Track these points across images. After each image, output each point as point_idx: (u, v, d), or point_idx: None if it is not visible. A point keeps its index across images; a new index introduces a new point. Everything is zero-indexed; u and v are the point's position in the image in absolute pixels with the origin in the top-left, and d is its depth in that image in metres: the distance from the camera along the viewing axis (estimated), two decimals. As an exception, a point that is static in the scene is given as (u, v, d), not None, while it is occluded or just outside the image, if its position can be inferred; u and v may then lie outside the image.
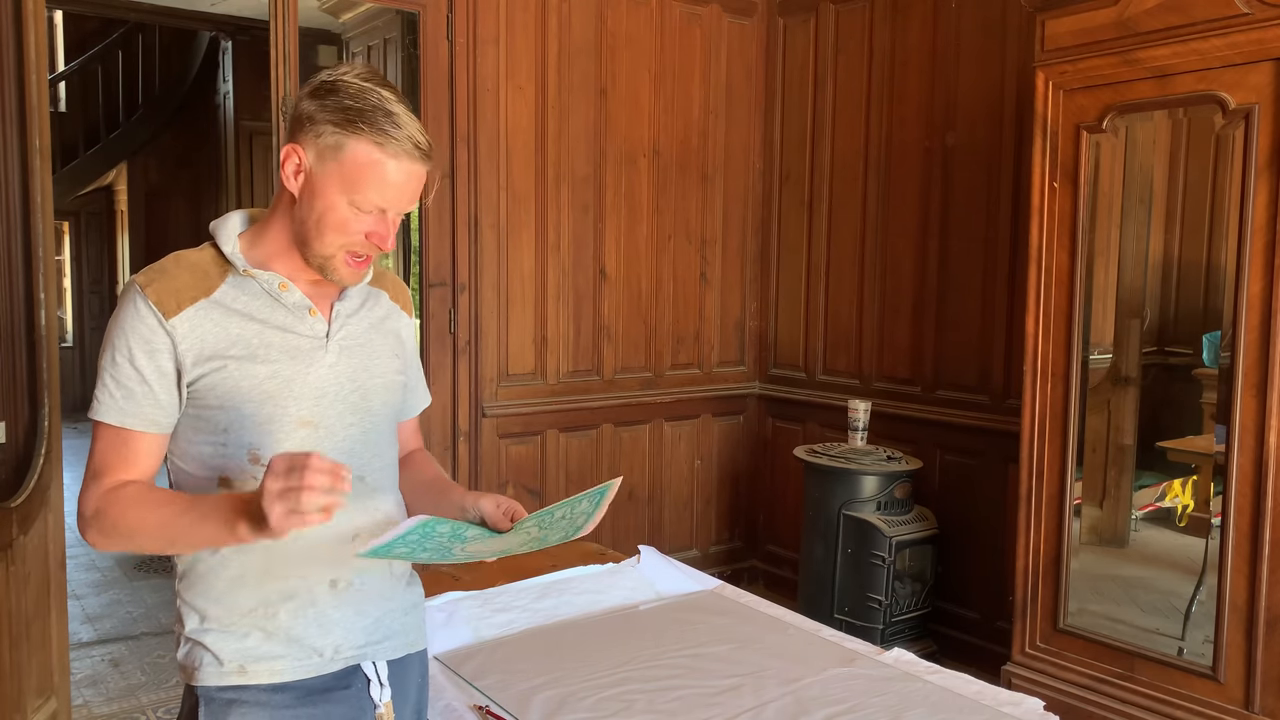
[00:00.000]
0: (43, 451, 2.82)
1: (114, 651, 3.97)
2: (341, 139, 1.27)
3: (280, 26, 3.38)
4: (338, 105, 1.27)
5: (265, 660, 1.34)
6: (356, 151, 1.27)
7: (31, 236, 2.81)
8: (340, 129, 1.27)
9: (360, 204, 1.29)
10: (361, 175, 1.27)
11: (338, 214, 1.29)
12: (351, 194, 1.28)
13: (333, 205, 1.29)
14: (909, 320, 4.03)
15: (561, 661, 2.23)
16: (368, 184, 1.27)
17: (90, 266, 10.47)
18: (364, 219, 1.30)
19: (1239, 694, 2.66)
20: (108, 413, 1.29)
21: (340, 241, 1.30)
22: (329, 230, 1.30)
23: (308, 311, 1.36)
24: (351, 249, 1.31)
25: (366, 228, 1.30)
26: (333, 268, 1.33)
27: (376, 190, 1.28)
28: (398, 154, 1.27)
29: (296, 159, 1.30)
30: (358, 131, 1.26)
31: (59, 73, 9.31)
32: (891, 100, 4.05)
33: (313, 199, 1.30)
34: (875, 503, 3.64)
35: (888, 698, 2.06)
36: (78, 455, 7.62)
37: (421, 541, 1.21)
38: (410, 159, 1.28)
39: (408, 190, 1.30)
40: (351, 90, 1.28)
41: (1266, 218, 2.56)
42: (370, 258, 1.35)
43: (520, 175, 3.93)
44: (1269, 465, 2.58)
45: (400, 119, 1.28)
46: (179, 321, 1.29)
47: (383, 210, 1.30)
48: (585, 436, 4.19)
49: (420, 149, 1.29)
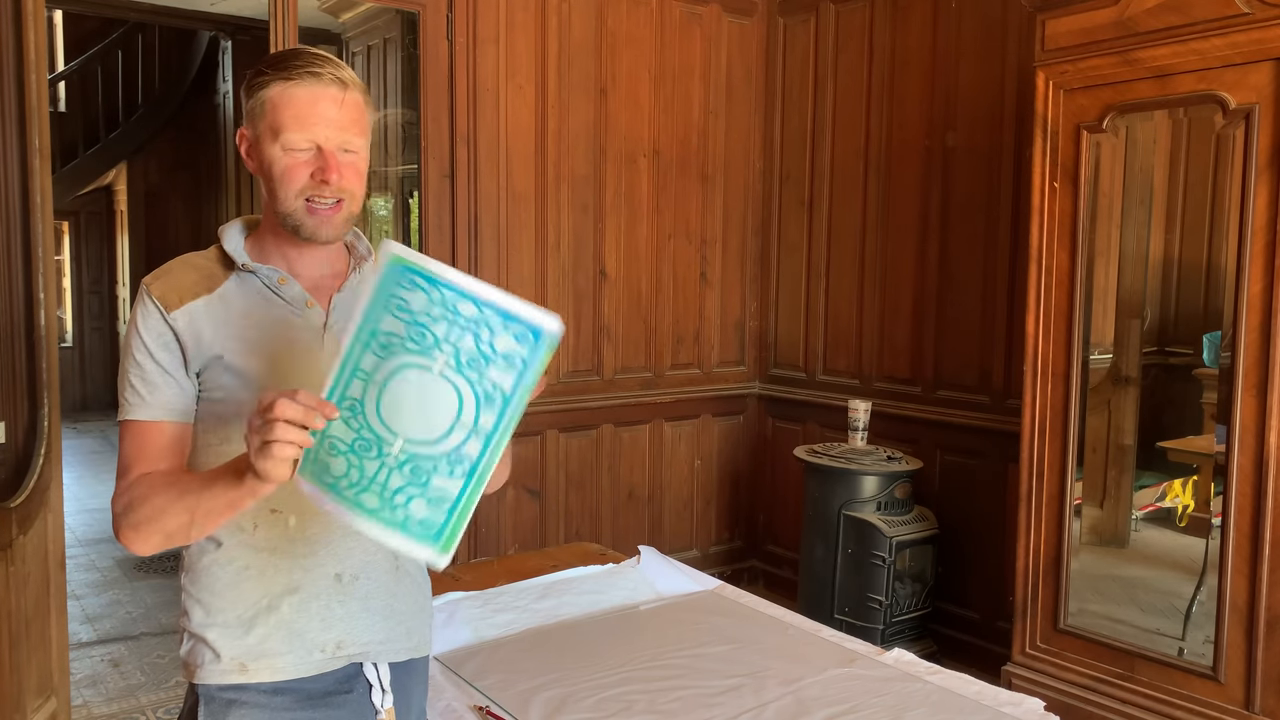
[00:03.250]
0: (42, 451, 2.82)
1: (114, 651, 3.96)
2: (260, 94, 1.32)
3: (280, 26, 3.38)
4: (255, 72, 1.34)
5: (266, 657, 1.34)
6: (271, 94, 1.31)
7: (31, 236, 2.81)
8: (257, 86, 1.32)
9: (290, 143, 1.30)
10: (280, 114, 1.30)
11: (280, 164, 1.31)
12: (280, 136, 1.30)
13: (273, 158, 1.32)
14: (909, 320, 4.03)
15: (562, 662, 2.23)
16: (287, 119, 1.30)
17: (90, 266, 10.47)
18: (304, 159, 1.31)
19: (1239, 694, 2.66)
20: (135, 411, 1.31)
21: (293, 191, 1.32)
22: (280, 185, 1.32)
23: (305, 303, 1.37)
24: (307, 195, 1.32)
25: (310, 168, 1.31)
26: (299, 221, 1.33)
27: (296, 123, 1.30)
28: (302, 78, 1.30)
29: (245, 141, 1.36)
30: (268, 79, 1.31)
31: (59, 73, 9.31)
32: (891, 100, 4.05)
33: (260, 165, 1.34)
34: (875, 503, 3.64)
35: (888, 698, 2.06)
36: (78, 455, 7.58)
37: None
38: (321, 84, 1.30)
39: (326, 115, 1.31)
40: (268, 59, 1.35)
41: (1266, 218, 2.56)
42: (339, 206, 1.34)
43: (520, 175, 3.93)
44: (1269, 465, 2.58)
45: (306, 54, 1.32)
46: (180, 314, 1.32)
47: (319, 145, 1.31)
48: (585, 436, 4.19)
49: (330, 73, 1.31)
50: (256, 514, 1.33)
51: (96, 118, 9.40)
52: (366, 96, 1.38)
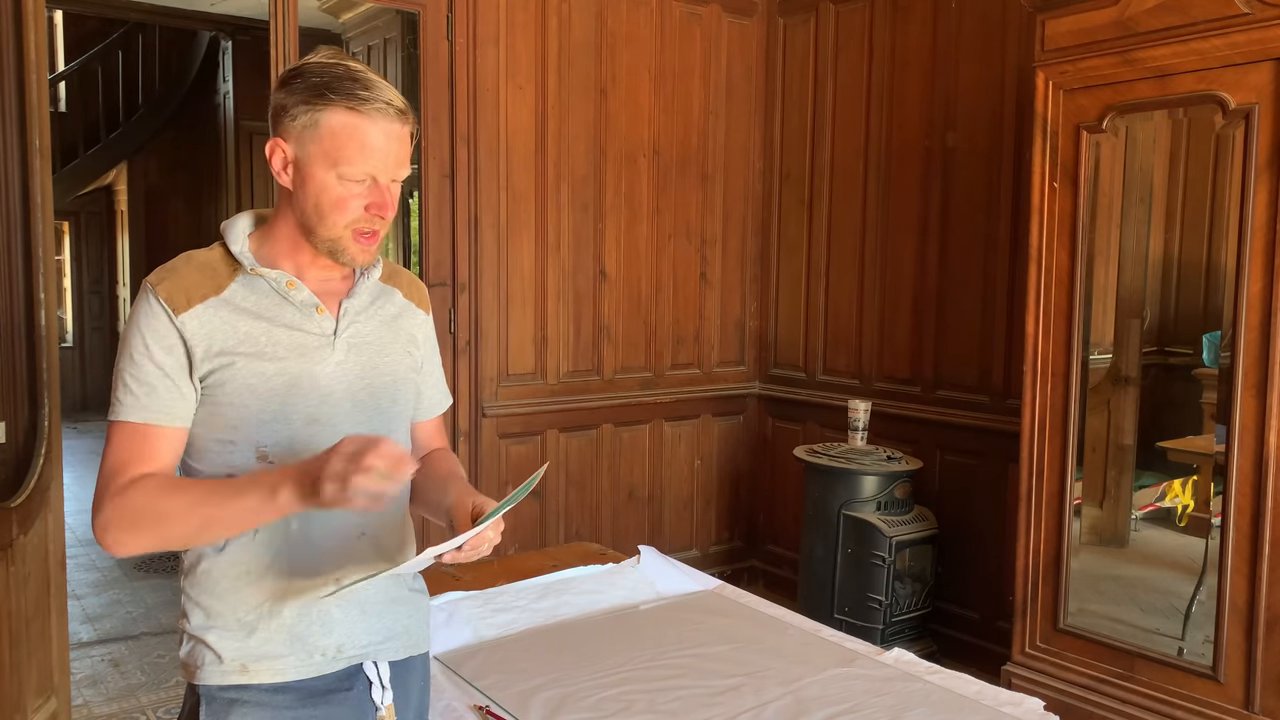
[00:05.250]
0: (43, 451, 2.82)
1: (114, 651, 3.97)
2: (315, 114, 1.27)
3: (280, 26, 3.38)
4: (305, 85, 1.28)
5: (267, 659, 1.33)
6: (332, 121, 1.27)
7: (31, 236, 2.81)
8: (312, 105, 1.27)
9: (348, 174, 1.28)
10: (342, 144, 1.27)
11: (332, 193, 1.29)
12: (338, 166, 1.28)
13: (325, 185, 1.29)
14: (909, 320, 4.03)
15: (562, 661, 2.23)
16: (350, 151, 1.27)
17: (90, 266, 10.47)
18: (358, 190, 1.29)
19: (1239, 694, 2.66)
20: (130, 412, 1.28)
21: (343, 220, 1.30)
22: (329, 211, 1.30)
23: (315, 309, 1.36)
24: (356, 226, 1.31)
25: (364, 200, 1.30)
26: (342, 248, 1.32)
27: (360, 156, 1.27)
28: (373, 114, 1.27)
29: (281, 152, 1.31)
30: (329, 102, 1.27)
31: (59, 73, 9.31)
32: (891, 100, 4.05)
33: (305, 185, 1.30)
34: (875, 503, 3.64)
35: (888, 698, 2.06)
36: (78, 455, 7.59)
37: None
38: (387, 118, 1.28)
39: (393, 151, 1.30)
40: (316, 69, 1.29)
41: (1266, 218, 2.56)
42: (378, 233, 1.34)
43: (520, 175, 3.93)
44: (1269, 465, 2.58)
45: (369, 81, 1.29)
46: (188, 318, 1.30)
47: (374, 178, 1.30)
48: (585, 436, 4.19)
49: (395, 106, 1.29)
50: None
51: (96, 118, 9.40)
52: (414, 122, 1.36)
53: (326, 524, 1.35)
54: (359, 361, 1.39)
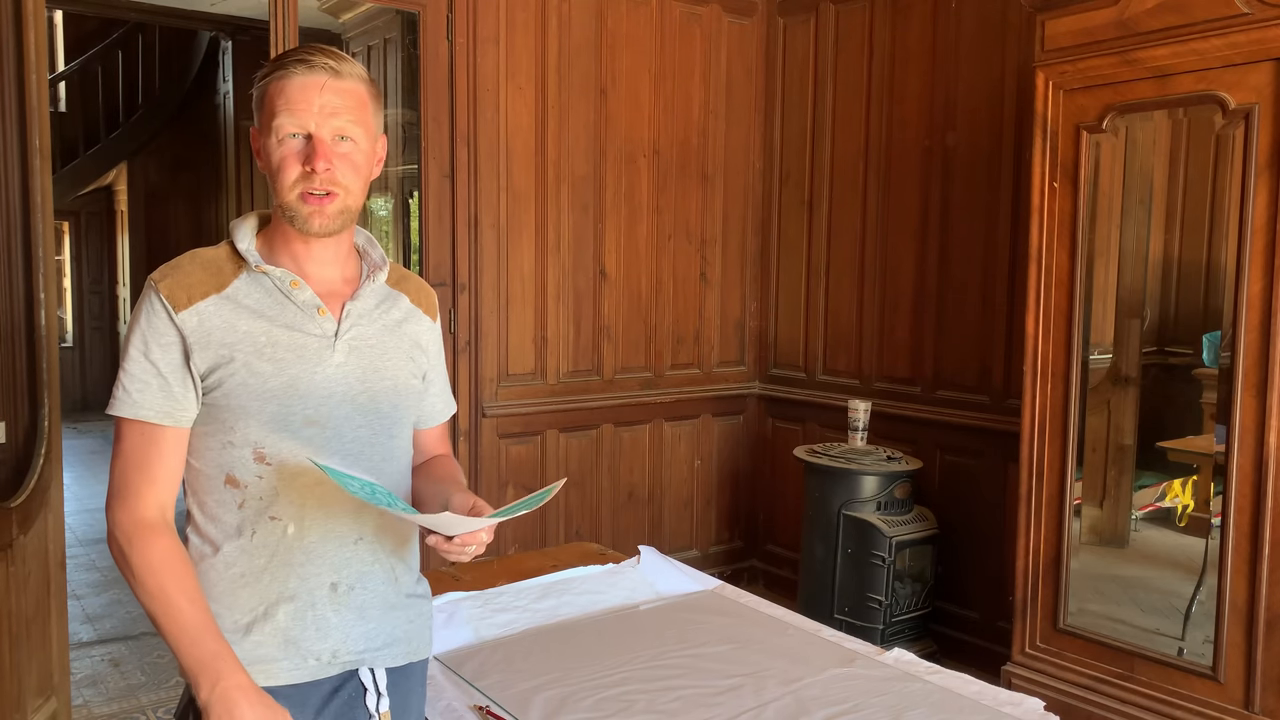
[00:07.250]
0: (43, 451, 2.82)
1: (114, 651, 3.97)
2: (258, 89, 1.34)
3: (280, 26, 3.38)
4: (261, 71, 1.35)
5: (261, 663, 1.33)
6: (268, 90, 1.33)
7: (31, 236, 2.81)
8: (257, 84, 1.34)
9: (279, 130, 1.31)
10: (271, 104, 1.32)
11: (275, 155, 1.32)
12: (272, 126, 1.31)
13: (269, 150, 1.33)
14: (909, 320, 4.03)
15: (562, 661, 2.23)
16: (277, 107, 1.31)
17: (90, 266, 10.48)
18: (295, 147, 1.31)
19: (1239, 694, 2.66)
20: (122, 407, 1.30)
21: (288, 181, 1.32)
22: (276, 175, 1.33)
23: (317, 310, 1.36)
24: (303, 187, 1.32)
25: (302, 157, 1.31)
26: (295, 213, 1.33)
27: (286, 110, 1.31)
28: (292, 69, 1.31)
29: (255, 139, 1.37)
30: (266, 74, 1.34)
31: (59, 73, 9.31)
32: (891, 100, 4.05)
33: (261, 159, 1.35)
34: (875, 503, 3.64)
35: (888, 698, 2.06)
36: (78, 455, 7.59)
37: (368, 490, 1.24)
38: (308, 69, 1.31)
39: (315, 101, 1.31)
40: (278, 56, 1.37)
41: (1266, 218, 2.56)
42: (332, 196, 1.33)
43: (520, 175, 3.93)
44: (1269, 465, 2.58)
45: (304, 47, 1.34)
46: (188, 315, 1.30)
47: (309, 134, 1.31)
48: (585, 436, 4.19)
49: (317, 58, 1.32)
50: (255, 521, 1.33)
51: (96, 118, 9.40)
52: (371, 87, 1.37)
53: (323, 529, 1.35)
54: (359, 364, 1.39)
